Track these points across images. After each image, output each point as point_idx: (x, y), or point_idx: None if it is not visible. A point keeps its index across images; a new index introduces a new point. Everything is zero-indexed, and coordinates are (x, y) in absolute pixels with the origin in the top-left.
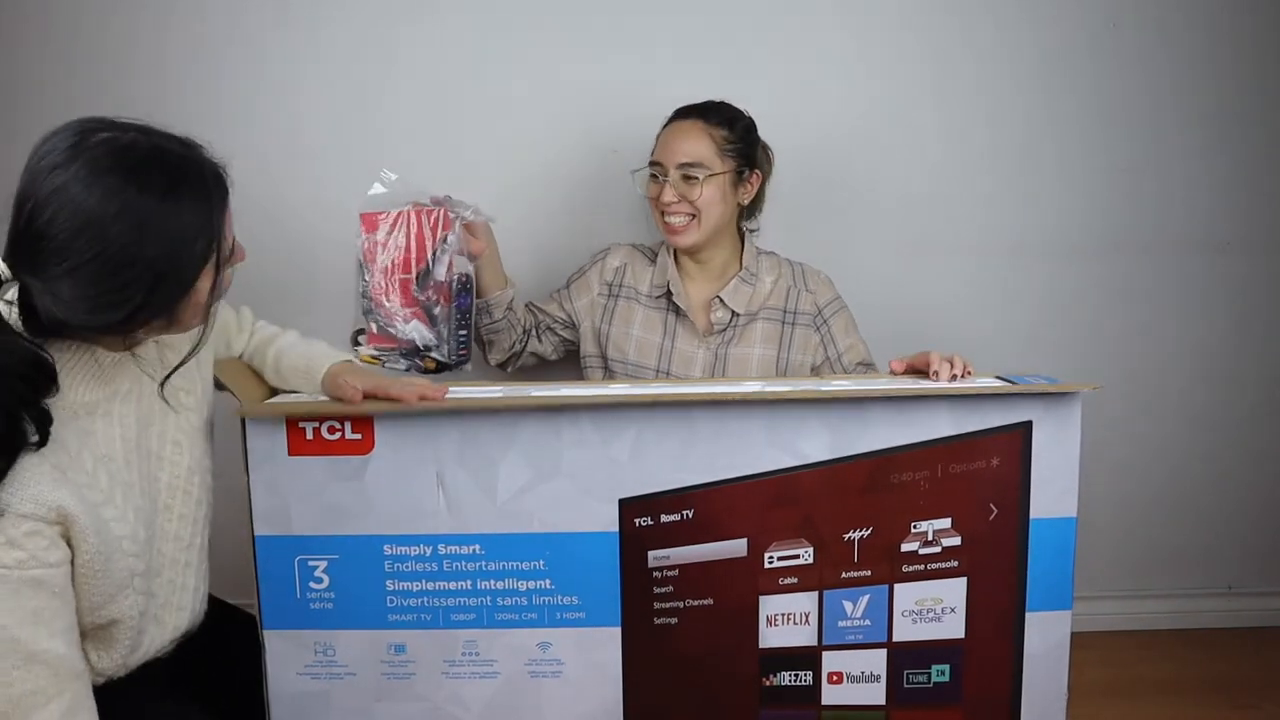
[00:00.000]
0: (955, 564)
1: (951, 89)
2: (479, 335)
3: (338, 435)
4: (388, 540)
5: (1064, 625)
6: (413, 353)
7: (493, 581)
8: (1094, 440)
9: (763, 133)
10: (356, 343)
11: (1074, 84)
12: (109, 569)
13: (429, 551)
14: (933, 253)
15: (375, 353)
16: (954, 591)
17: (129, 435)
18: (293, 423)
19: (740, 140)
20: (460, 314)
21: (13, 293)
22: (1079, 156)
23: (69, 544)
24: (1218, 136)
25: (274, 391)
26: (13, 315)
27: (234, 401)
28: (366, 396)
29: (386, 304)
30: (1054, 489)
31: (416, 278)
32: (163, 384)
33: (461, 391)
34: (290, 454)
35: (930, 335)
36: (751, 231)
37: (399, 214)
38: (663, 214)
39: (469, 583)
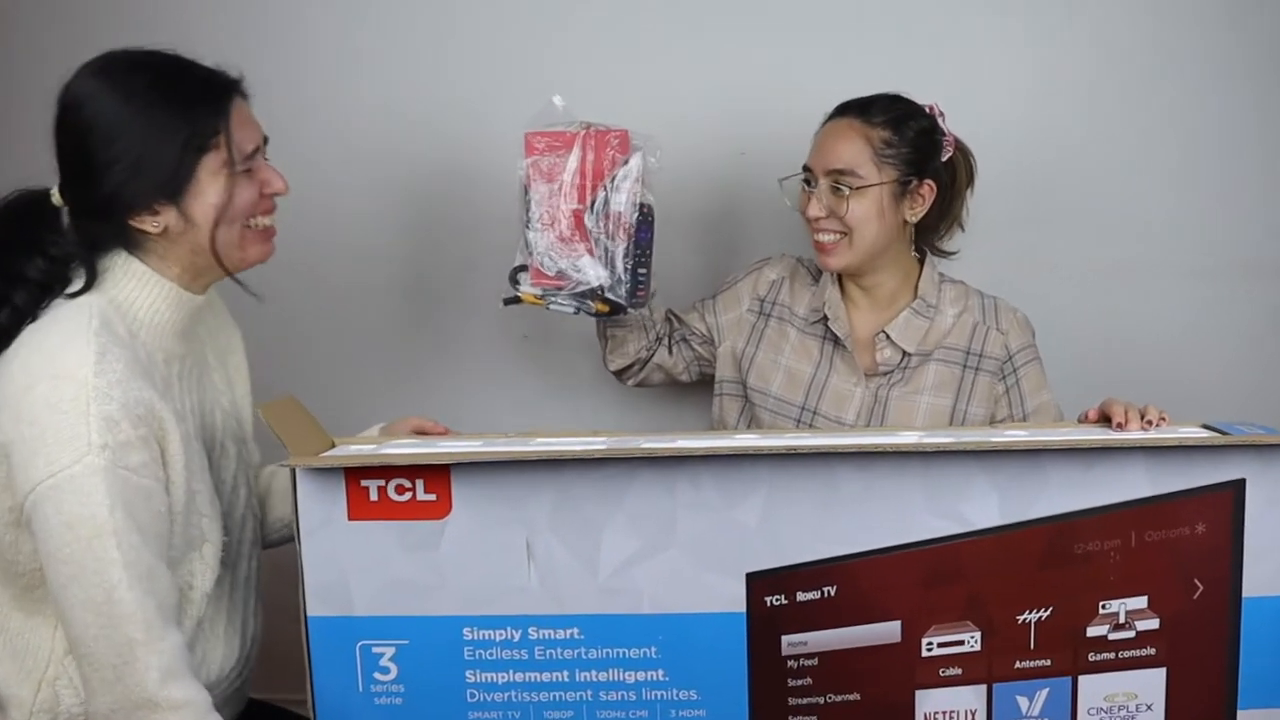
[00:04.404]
0: (1152, 651)
1: (1143, 86)
2: (601, 333)
3: (408, 496)
4: (467, 622)
5: None
6: (584, 293)
7: (594, 672)
8: None
9: None
10: (515, 281)
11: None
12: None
13: (517, 636)
14: (1127, 276)
15: (539, 292)
16: (1151, 685)
17: (197, 411)
18: (354, 480)
19: (908, 145)
20: (640, 249)
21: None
22: None
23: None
24: None
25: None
26: None
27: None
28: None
29: (553, 236)
30: (1271, 561)
31: (590, 206)
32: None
33: (555, 443)
34: (350, 519)
35: (1120, 377)
36: (949, 255)
37: (572, 135)
38: (813, 231)
39: (565, 673)
